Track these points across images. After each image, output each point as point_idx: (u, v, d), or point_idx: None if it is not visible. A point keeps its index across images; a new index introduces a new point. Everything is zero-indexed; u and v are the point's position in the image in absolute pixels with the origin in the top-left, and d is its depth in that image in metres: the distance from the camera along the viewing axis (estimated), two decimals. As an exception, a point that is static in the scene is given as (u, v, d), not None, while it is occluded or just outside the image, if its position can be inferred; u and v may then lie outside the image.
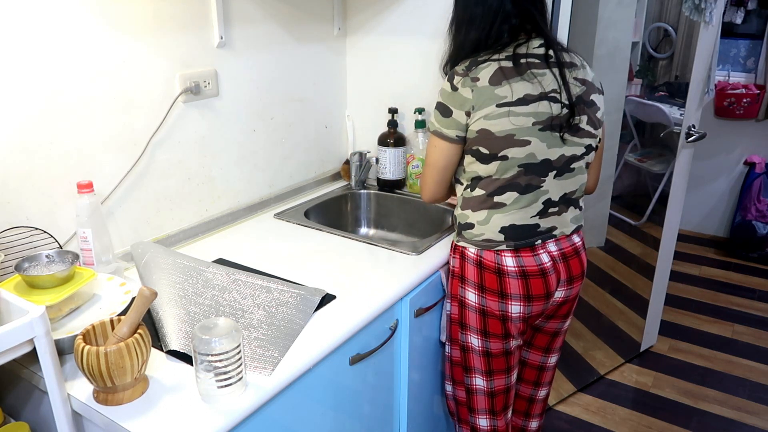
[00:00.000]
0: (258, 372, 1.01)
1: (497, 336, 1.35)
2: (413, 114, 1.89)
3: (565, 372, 2.37)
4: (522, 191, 1.26)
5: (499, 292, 1.31)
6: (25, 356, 0.89)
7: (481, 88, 1.20)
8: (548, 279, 1.31)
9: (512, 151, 1.22)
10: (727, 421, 2.18)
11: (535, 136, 1.22)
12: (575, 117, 1.24)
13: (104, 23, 1.26)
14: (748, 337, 2.71)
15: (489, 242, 1.29)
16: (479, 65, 1.22)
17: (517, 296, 1.30)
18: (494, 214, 1.28)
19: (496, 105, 1.19)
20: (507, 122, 1.20)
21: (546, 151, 1.24)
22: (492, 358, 1.38)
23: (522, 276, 1.29)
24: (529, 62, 1.23)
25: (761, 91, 3.36)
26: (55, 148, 1.23)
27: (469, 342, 1.38)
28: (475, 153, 1.25)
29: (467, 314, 1.36)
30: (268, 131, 1.75)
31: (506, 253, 1.29)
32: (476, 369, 1.40)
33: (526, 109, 1.20)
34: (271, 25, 1.68)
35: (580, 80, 1.28)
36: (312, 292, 1.24)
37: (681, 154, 2.29)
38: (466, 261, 1.33)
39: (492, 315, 1.33)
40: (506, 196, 1.26)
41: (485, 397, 1.43)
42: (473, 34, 1.26)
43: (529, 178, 1.25)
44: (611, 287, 2.69)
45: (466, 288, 1.35)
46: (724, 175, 3.66)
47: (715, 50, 2.17)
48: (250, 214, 1.72)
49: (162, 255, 1.33)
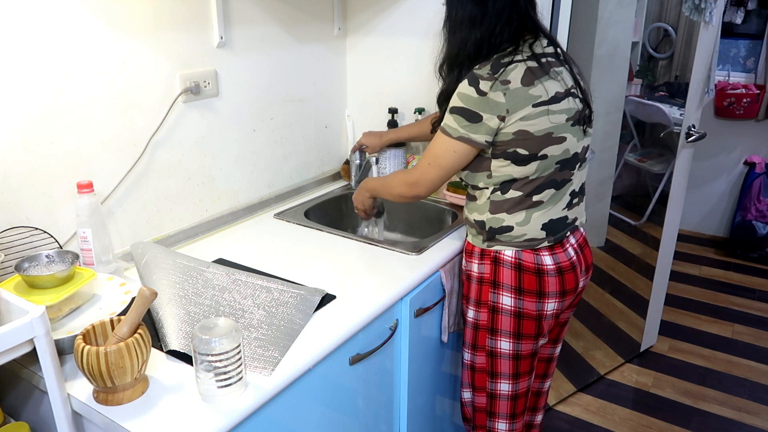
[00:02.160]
0: (258, 372, 1.01)
1: (530, 336, 1.35)
2: (413, 114, 1.89)
3: (565, 372, 2.37)
4: (558, 187, 1.28)
5: (538, 291, 1.31)
6: (25, 356, 0.89)
7: (514, 90, 1.19)
8: (576, 272, 1.35)
9: (551, 149, 1.23)
10: (727, 421, 2.18)
11: (569, 132, 1.25)
12: (588, 110, 1.31)
13: (104, 23, 1.26)
14: (748, 337, 2.71)
15: (532, 241, 1.29)
16: (507, 67, 1.20)
17: (554, 293, 1.32)
18: (533, 213, 1.28)
19: (532, 105, 1.19)
20: (546, 121, 1.21)
21: (576, 144, 1.28)
22: (520, 361, 1.38)
23: (558, 273, 1.31)
24: (549, 61, 1.24)
25: (761, 91, 3.36)
26: (55, 148, 1.23)
27: (498, 347, 1.37)
28: (511, 155, 1.23)
29: (499, 319, 1.35)
30: (268, 131, 1.75)
31: (544, 251, 1.30)
32: (503, 374, 1.40)
33: (560, 107, 1.22)
34: (271, 26, 1.68)
35: (581, 75, 1.33)
36: (312, 292, 1.24)
37: (681, 154, 2.29)
38: (502, 265, 1.31)
39: (527, 316, 1.33)
40: (544, 194, 1.27)
41: (508, 402, 1.43)
42: (475, 34, 1.24)
43: (564, 173, 1.28)
44: (611, 287, 2.69)
45: (500, 293, 1.33)
46: (724, 175, 3.66)
47: (715, 50, 2.17)
48: (250, 214, 1.72)
49: (162, 255, 1.33)
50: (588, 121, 1.31)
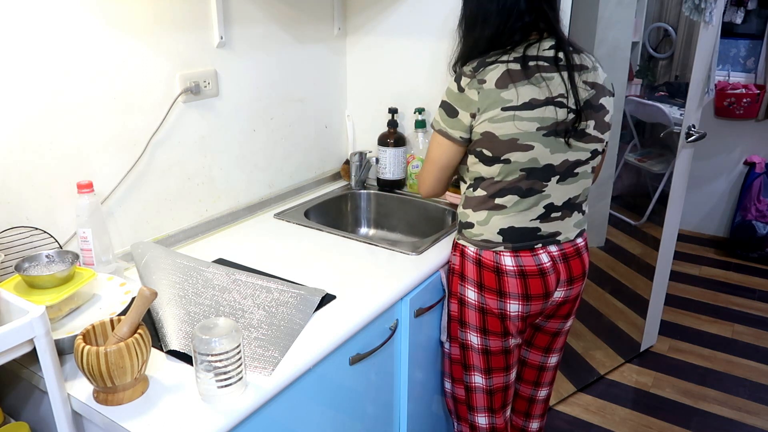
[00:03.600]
0: (258, 372, 1.01)
1: (496, 334, 1.35)
2: (413, 114, 1.89)
3: (565, 372, 2.37)
4: (523, 195, 1.26)
5: (498, 290, 1.31)
6: (25, 356, 0.89)
7: (487, 90, 1.19)
8: (547, 279, 1.31)
9: (515, 155, 1.22)
10: (727, 421, 2.18)
11: (539, 141, 1.21)
12: (581, 122, 1.23)
13: (104, 23, 1.26)
14: (748, 337, 2.71)
15: (487, 243, 1.30)
16: (487, 66, 1.21)
17: (515, 295, 1.31)
18: (494, 216, 1.28)
19: (501, 108, 1.19)
20: (512, 126, 1.19)
21: (549, 156, 1.23)
22: (491, 356, 1.38)
23: (520, 275, 1.30)
24: (538, 65, 1.21)
25: (761, 91, 3.36)
26: (55, 148, 1.23)
27: (468, 340, 1.39)
28: (479, 154, 1.25)
29: (467, 312, 1.37)
30: (268, 131, 1.75)
31: (505, 252, 1.29)
32: (475, 367, 1.41)
33: (531, 114, 1.19)
34: (271, 25, 1.68)
35: (590, 83, 1.26)
36: (312, 292, 1.24)
37: (681, 154, 2.29)
38: (466, 259, 1.34)
39: (491, 313, 1.33)
40: (507, 199, 1.26)
41: (484, 395, 1.44)
42: (488, 31, 1.25)
43: (531, 183, 1.25)
44: (611, 287, 2.69)
45: (466, 286, 1.35)
46: (724, 175, 3.66)
47: (715, 50, 2.17)
48: (250, 214, 1.72)
49: (162, 255, 1.33)
50: (574, 132, 1.22)
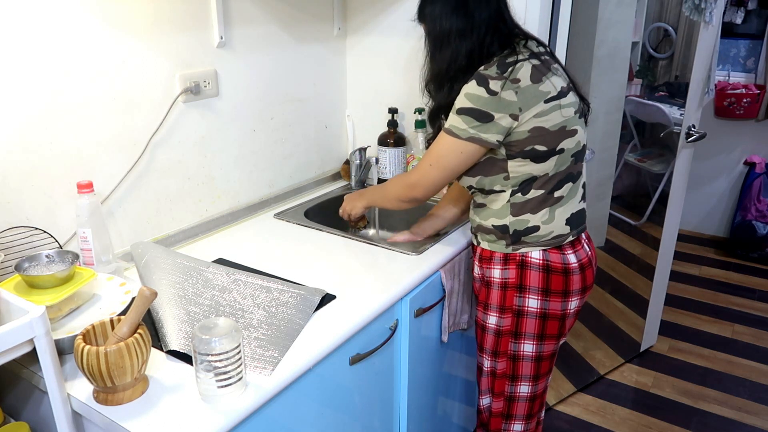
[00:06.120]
0: (258, 372, 1.01)
1: (553, 337, 1.36)
2: (413, 114, 1.89)
3: (565, 372, 2.37)
4: (574, 180, 1.30)
5: (563, 291, 1.32)
6: (25, 356, 0.89)
7: (525, 88, 1.18)
8: (593, 267, 1.38)
9: (566, 142, 1.24)
10: (727, 421, 2.18)
11: (578, 124, 1.26)
12: (587, 104, 1.33)
13: (104, 23, 1.26)
14: (748, 337, 2.71)
15: (558, 238, 1.29)
16: (513, 66, 1.19)
17: (577, 291, 1.33)
18: (556, 209, 1.28)
19: (544, 102, 1.20)
20: (558, 115, 1.21)
21: (584, 136, 1.30)
22: (542, 362, 1.39)
23: (581, 270, 1.33)
24: (545, 59, 1.25)
25: (761, 91, 3.36)
26: (55, 148, 1.23)
27: (521, 350, 1.38)
28: (530, 153, 1.22)
29: (524, 322, 1.35)
30: (268, 131, 1.75)
31: (568, 250, 1.31)
32: (524, 377, 1.40)
33: (568, 100, 1.24)
34: (271, 26, 1.68)
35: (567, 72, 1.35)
36: (312, 292, 1.24)
37: (681, 154, 2.29)
38: (529, 269, 1.30)
39: (552, 317, 1.34)
40: (564, 189, 1.28)
41: (526, 403, 1.44)
42: (466, 46, 1.23)
43: (578, 166, 1.30)
44: (611, 287, 2.68)
45: (526, 296, 1.32)
46: (724, 175, 3.65)
47: (715, 50, 2.17)
48: (250, 214, 1.72)
49: (162, 255, 1.33)
50: (587, 113, 1.33)
